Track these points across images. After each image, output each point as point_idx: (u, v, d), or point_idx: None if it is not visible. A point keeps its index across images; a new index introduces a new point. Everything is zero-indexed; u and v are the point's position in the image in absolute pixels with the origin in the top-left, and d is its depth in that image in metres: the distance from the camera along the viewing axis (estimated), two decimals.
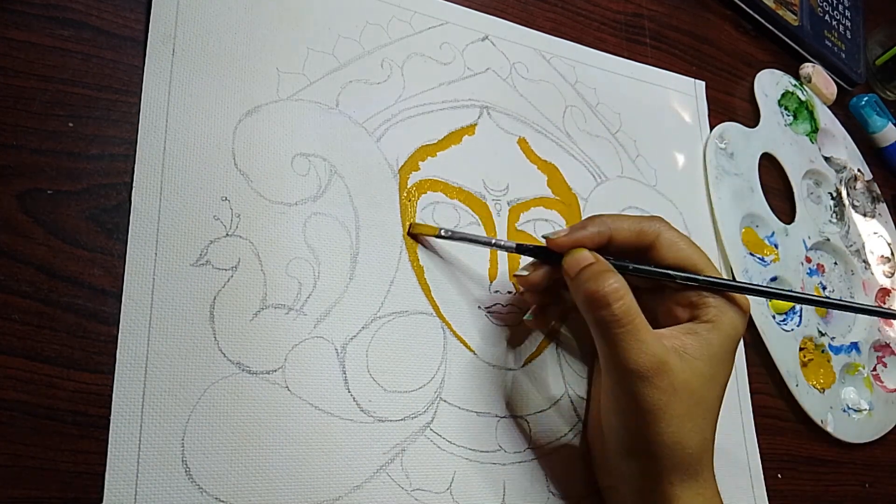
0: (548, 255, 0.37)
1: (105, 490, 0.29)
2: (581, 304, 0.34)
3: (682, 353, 0.34)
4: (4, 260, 0.30)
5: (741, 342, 0.39)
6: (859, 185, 0.64)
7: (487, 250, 0.41)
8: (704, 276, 0.36)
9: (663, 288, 0.38)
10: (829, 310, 0.58)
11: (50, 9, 0.34)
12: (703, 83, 0.57)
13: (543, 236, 0.37)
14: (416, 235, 0.39)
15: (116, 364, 0.31)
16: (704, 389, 0.34)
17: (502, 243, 0.38)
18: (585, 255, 0.35)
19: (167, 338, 0.32)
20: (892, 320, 0.60)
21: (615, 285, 0.33)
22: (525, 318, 0.39)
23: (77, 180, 0.33)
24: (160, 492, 0.30)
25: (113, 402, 0.30)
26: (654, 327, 0.34)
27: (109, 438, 0.30)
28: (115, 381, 0.30)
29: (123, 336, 0.31)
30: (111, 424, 0.30)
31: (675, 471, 0.33)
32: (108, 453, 0.30)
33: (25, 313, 0.30)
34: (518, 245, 0.37)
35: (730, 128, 0.56)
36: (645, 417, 0.33)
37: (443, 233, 0.38)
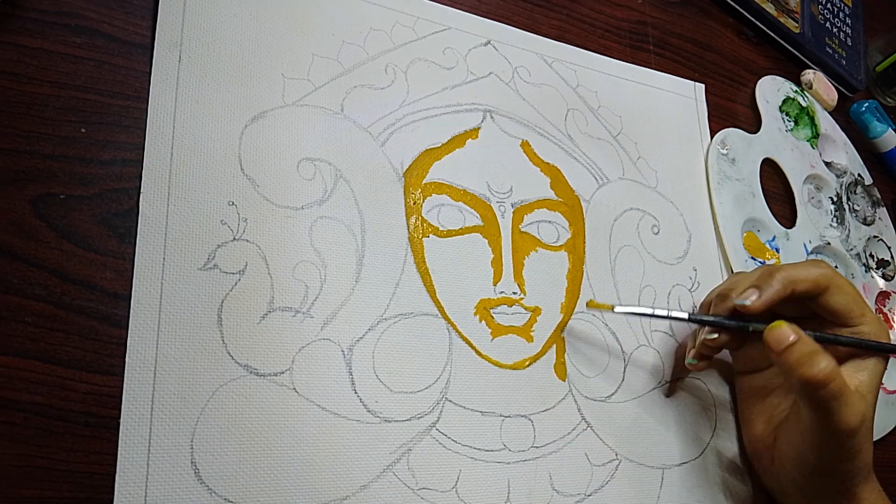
0: (729, 321, 0.40)
1: (115, 491, 0.29)
2: (795, 384, 0.37)
3: (863, 394, 0.39)
4: (18, 264, 0.31)
5: None
6: (859, 189, 0.65)
7: (490, 251, 0.42)
8: (882, 343, 0.40)
9: (823, 320, 0.42)
10: None
11: (63, 16, 0.35)
12: (703, 86, 0.57)
13: (736, 304, 0.40)
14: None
15: (126, 368, 0.31)
16: (873, 410, 0.40)
17: (679, 316, 0.41)
18: (786, 332, 0.37)
19: (176, 341, 0.32)
20: (893, 324, 0.60)
21: (828, 368, 0.36)
22: (688, 361, 0.43)
23: (89, 185, 0.33)
24: (170, 493, 0.30)
25: (123, 405, 0.30)
26: None
27: (119, 440, 0.30)
28: (124, 385, 0.31)
29: (132, 340, 0.31)
30: (121, 427, 0.30)
31: (859, 477, 0.39)
32: (119, 455, 0.30)
33: (38, 316, 0.30)
34: (690, 315, 0.41)
35: (731, 134, 0.56)
36: (847, 456, 0.38)
37: (617, 309, 0.41)
